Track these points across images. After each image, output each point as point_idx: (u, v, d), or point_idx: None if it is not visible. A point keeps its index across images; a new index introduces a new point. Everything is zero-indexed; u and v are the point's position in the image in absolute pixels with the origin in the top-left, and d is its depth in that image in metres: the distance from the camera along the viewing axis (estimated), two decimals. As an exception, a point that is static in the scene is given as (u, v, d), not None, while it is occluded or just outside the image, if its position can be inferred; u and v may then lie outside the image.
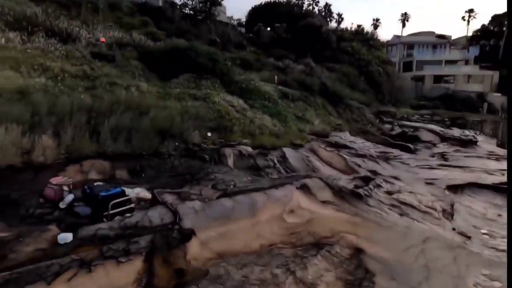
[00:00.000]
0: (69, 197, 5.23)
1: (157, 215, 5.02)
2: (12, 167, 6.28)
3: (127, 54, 13.72)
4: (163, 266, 4.19)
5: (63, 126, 7.74)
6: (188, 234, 4.75)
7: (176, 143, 8.85)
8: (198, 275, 4.09)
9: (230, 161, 9.00)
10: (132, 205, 5.39)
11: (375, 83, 27.47)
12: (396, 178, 9.57)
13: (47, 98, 8.45)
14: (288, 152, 10.15)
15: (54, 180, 5.36)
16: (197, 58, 13.90)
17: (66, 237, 4.27)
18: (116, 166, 7.29)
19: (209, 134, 10.21)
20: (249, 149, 9.84)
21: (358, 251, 5.28)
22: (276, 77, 19.09)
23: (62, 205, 5.10)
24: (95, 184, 5.47)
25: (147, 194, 5.98)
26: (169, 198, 5.96)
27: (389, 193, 8.40)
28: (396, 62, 38.82)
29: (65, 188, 5.32)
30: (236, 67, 17.28)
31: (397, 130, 19.20)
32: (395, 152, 13.70)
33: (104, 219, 4.94)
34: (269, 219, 5.72)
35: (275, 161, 9.41)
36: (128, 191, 5.59)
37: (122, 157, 7.60)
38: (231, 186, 7.18)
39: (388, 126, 20.14)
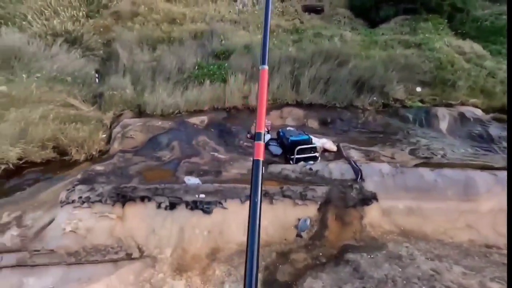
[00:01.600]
0: (267, 137, 5.94)
1: (338, 169, 4.73)
2: (236, 107, 8.03)
3: (335, 2, 13.23)
4: (335, 221, 3.95)
5: (272, 76, 8.82)
6: (368, 198, 4.16)
7: (374, 97, 7.88)
8: (372, 245, 3.53)
9: (443, 125, 6.98)
10: (317, 154, 5.41)
11: None
12: None
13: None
14: (555, 121, 6.45)
15: (258, 121, 6.24)
16: (417, -6, 11.18)
17: (260, 169, 4.93)
18: (309, 115, 7.53)
19: (418, 89, 8.29)
20: (478, 111, 7.17)
21: None
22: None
23: (261, 142, 5.92)
24: (288, 129, 5.88)
25: (332, 146, 5.78)
26: (354, 154, 5.46)
27: None
28: None
29: (265, 128, 6.08)
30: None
31: None
32: None
33: (290, 162, 5.28)
34: (493, 210, 3.96)
35: (523, 132, 6.29)
36: (314, 140, 5.62)
37: (316, 107, 7.77)
38: (439, 156, 5.58)
39: None
